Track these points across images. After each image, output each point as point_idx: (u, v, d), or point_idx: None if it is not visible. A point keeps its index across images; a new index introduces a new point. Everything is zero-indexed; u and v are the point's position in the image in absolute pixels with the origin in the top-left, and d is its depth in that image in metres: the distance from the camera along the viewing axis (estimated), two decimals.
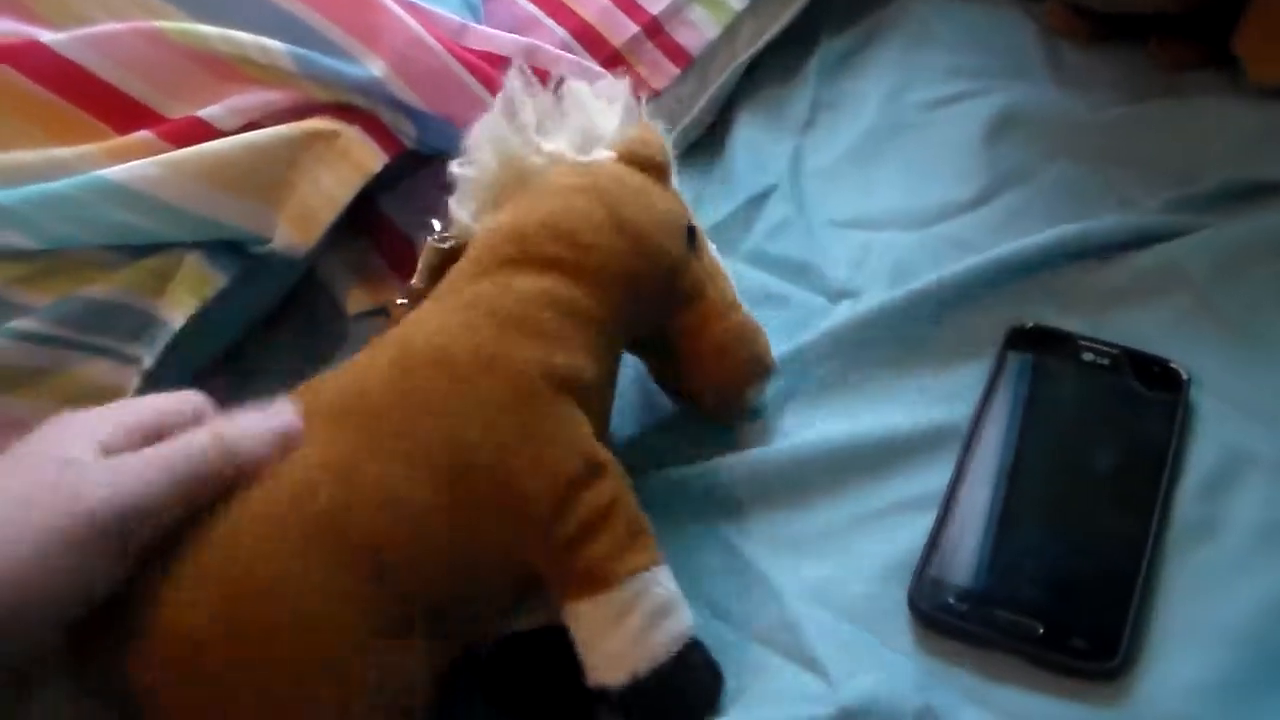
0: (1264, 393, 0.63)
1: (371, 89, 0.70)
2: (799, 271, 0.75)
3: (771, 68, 0.89)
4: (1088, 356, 0.65)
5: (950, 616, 0.56)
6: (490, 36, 0.77)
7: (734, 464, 0.64)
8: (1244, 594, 0.55)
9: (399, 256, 0.77)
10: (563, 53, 0.78)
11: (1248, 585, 0.55)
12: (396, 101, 0.71)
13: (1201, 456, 0.61)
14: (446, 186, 0.63)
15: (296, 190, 0.69)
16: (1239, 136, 0.76)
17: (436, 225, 0.61)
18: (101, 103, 0.70)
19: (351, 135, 0.70)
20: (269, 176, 0.68)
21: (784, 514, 0.63)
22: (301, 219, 0.69)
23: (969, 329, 0.69)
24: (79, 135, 0.69)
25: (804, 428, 0.66)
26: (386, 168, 0.71)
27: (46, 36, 0.70)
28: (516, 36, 0.78)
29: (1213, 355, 0.65)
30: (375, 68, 0.70)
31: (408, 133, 0.72)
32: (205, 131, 0.68)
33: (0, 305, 0.65)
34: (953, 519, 0.59)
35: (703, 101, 0.85)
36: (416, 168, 0.77)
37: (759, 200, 0.80)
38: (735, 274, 0.75)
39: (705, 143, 0.86)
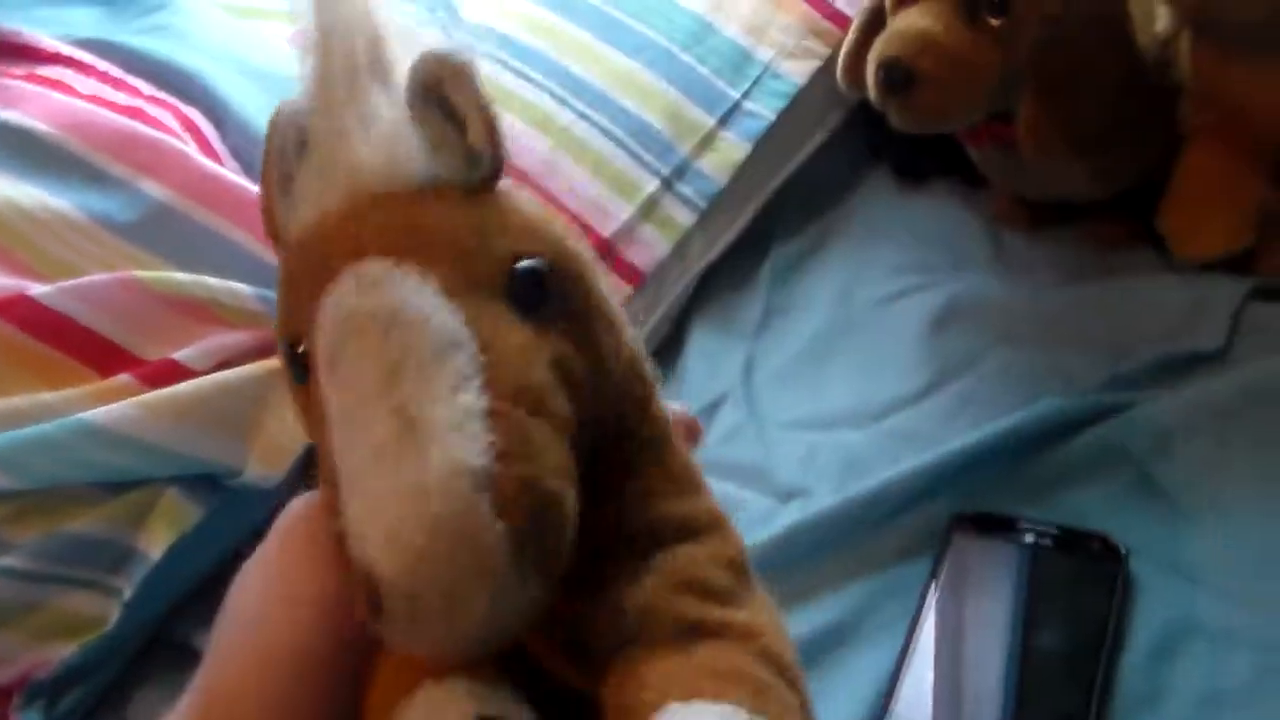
0: (1205, 561, 0.65)
1: None
2: (751, 476, 0.77)
3: (724, 275, 0.93)
4: (1029, 538, 0.67)
5: None
6: None
7: None
8: None
9: None
10: None
11: None
12: None
13: (1146, 627, 0.62)
14: None
15: (265, 425, 0.72)
16: (1170, 310, 0.79)
17: None
18: (85, 348, 0.74)
19: None
20: (239, 413, 0.72)
21: None
22: (271, 451, 0.72)
23: (916, 524, 0.70)
24: (66, 379, 0.73)
25: None
26: None
27: (35, 290, 0.74)
28: None
29: (1155, 527, 0.67)
30: None
31: None
32: (180, 373, 0.72)
33: None
34: (896, 706, 0.60)
35: (656, 317, 0.88)
36: None
37: (711, 409, 0.83)
38: None
39: (660, 354, 0.89)
